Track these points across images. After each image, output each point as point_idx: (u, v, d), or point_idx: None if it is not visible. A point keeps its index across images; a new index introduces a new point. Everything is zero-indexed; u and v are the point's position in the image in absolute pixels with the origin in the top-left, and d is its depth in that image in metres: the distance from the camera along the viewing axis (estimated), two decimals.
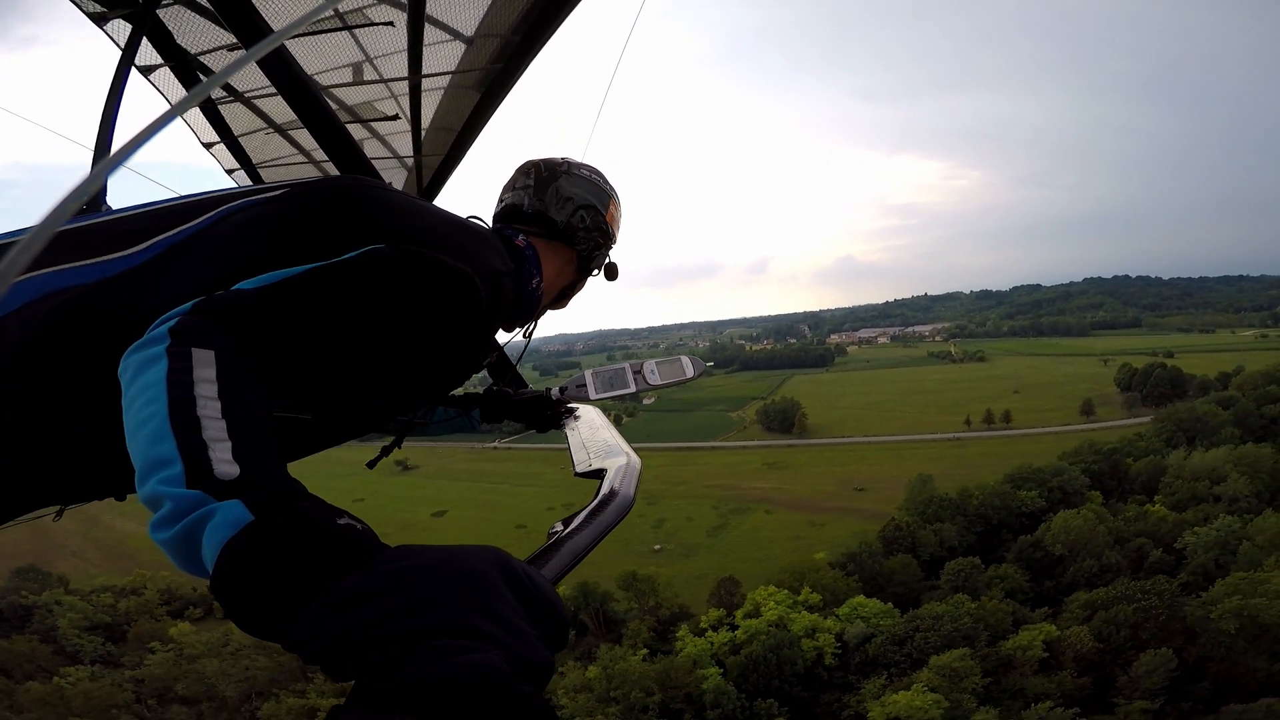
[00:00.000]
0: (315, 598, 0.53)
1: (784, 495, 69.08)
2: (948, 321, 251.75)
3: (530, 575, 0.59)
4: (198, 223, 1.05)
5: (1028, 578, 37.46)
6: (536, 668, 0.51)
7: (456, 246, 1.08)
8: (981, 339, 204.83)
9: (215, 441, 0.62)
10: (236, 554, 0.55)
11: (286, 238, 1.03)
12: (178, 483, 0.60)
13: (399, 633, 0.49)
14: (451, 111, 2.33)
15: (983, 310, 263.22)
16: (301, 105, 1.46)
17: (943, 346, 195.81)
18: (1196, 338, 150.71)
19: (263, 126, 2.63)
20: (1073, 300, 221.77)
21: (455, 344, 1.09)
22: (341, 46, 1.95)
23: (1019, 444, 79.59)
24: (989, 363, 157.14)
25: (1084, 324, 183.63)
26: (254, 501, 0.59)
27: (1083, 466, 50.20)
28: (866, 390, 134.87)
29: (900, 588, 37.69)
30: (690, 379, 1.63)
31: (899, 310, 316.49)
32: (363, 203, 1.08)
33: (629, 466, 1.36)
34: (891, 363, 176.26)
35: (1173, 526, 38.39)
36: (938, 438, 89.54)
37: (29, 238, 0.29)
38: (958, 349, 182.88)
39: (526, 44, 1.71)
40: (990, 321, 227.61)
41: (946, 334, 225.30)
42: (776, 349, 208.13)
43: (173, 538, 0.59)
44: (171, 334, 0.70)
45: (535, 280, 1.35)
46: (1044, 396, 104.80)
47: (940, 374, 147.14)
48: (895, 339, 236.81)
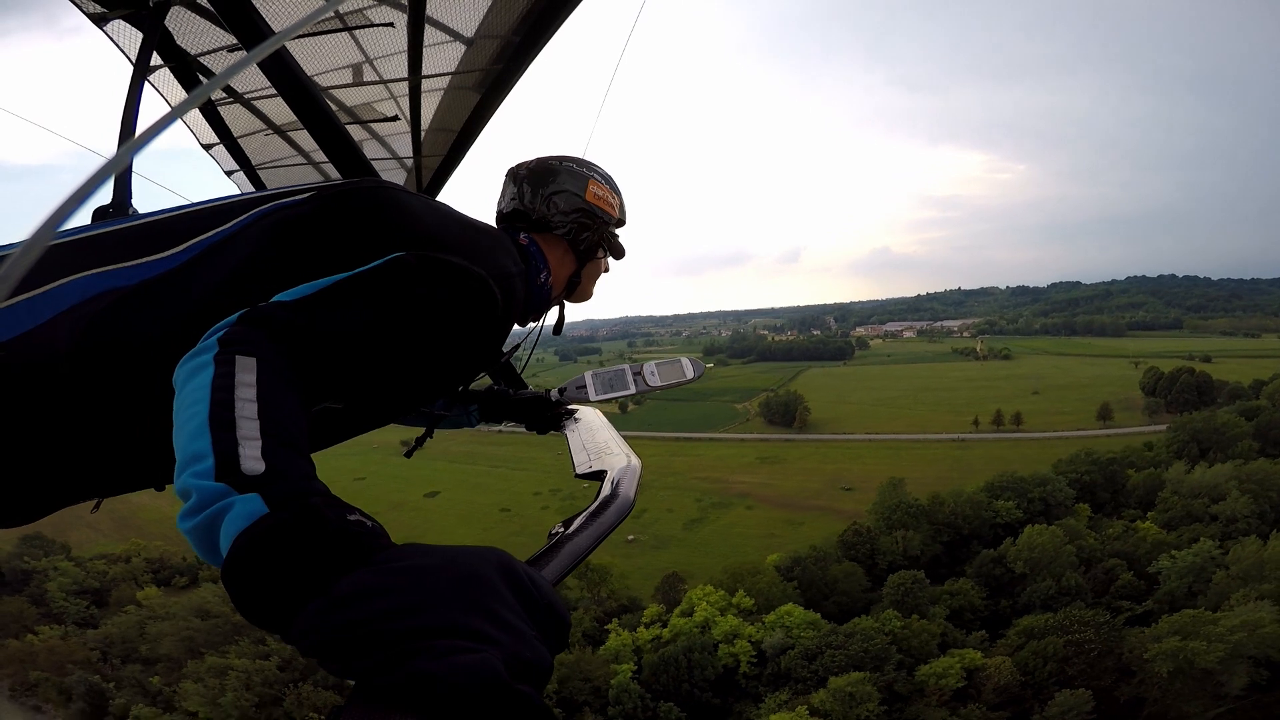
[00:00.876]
0: (317, 592, 0.54)
1: (769, 491, 67.00)
2: (979, 317, 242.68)
3: (531, 576, 0.60)
4: (232, 225, 1.09)
5: (985, 595, 34.78)
6: (535, 668, 0.52)
7: (472, 249, 1.15)
8: (1012, 336, 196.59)
9: (247, 440, 0.65)
10: (246, 545, 0.57)
11: (316, 241, 1.10)
12: (207, 476, 0.63)
13: (399, 631, 0.50)
14: (451, 112, 2.32)
15: (1017, 307, 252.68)
16: (301, 106, 1.46)
17: (969, 343, 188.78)
18: (1239, 342, 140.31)
19: (262, 128, 2.58)
20: (1112, 299, 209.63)
21: (472, 342, 1.13)
22: (341, 48, 1.93)
23: (1025, 448, 75.52)
24: (1014, 361, 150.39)
25: (1120, 324, 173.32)
26: (271, 496, 0.61)
27: (1073, 476, 46.77)
28: (880, 386, 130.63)
29: (843, 597, 35.39)
30: (689, 380, 1.63)
31: (930, 304, 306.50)
32: (386, 208, 1.16)
33: (629, 468, 1.39)
34: (913, 358, 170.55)
35: (1151, 548, 35.14)
36: (941, 438, 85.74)
37: (30, 240, 0.29)
38: (984, 346, 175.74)
39: (526, 45, 1.71)
40: (1023, 318, 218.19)
41: (976, 330, 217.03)
42: (797, 340, 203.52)
43: (195, 527, 0.61)
44: (220, 343, 0.75)
45: (544, 274, 1.43)
46: (1063, 399, 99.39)
47: (961, 371, 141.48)
48: (922, 333, 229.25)
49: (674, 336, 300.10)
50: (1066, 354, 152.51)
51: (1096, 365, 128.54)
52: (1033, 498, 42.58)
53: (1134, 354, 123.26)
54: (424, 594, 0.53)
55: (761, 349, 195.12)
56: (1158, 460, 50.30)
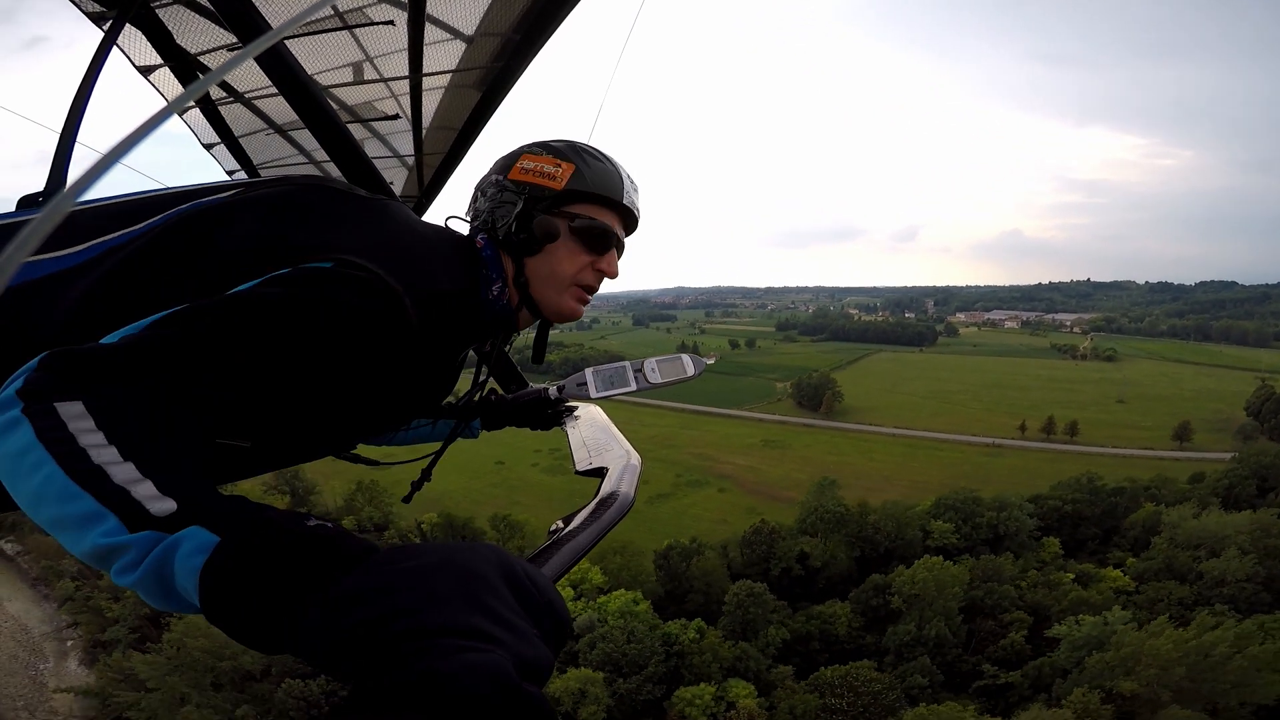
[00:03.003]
0: (313, 600, 0.51)
1: (751, 476, 62.78)
2: (1099, 312, 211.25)
3: (530, 573, 0.57)
4: (141, 228, 0.98)
5: (860, 624, 29.82)
6: (537, 666, 0.49)
7: (399, 260, 0.97)
8: (1131, 336, 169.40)
9: (132, 483, 0.59)
10: (219, 573, 0.54)
11: (217, 249, 0.96)
12: (119, 533, 0.56)
13: (401, 632, 0.47)
14: (452, 110, 2.27)
15: (1152, 304, 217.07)
16: (302, 105, 1.42)
17: (1075, 339, 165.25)
18: None
19: (263, 127, 2.55)
20: (1269, 304, 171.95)
21: (384, 367, 0.96)
22: (342, 46, 1.89)
23: (1065, 462, 64.88)
24: (1117, 363, 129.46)
25: (1266, 333, 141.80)
26: (211, 523, 0.56)
27: (1055, 505, 39.02)
28: (946, 377, 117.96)
29: (700, 596, 31.60)
30: (690, 378, 1.60)
31: (1049, 294, 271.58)
32: (302, 211, 1.02)
33: (629, 465, 1.36)
34: (1002, 350, 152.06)
35: (1069, 606, 28.12)
36: (975, 440, 75.84)
37: (21, 239, 0.28)
38: (1091, 344, 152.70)
39: (527, 42, 1.66)
40: (1150, 318, 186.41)
41: (1090, 326, 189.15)
42: (878, 322, 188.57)
43: (142, 578, 0.56)
44: (21, 395, 0.63)
45: (497, 286, 1.20)
46: (1149, 411, 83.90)
47: (1047, 370, 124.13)
48: (1027, 325, 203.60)
49: (758, 309, 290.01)
50: (1185, 361, 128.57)
51: (1214, 377, 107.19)
52: (979, 523, 35.98)
53: (1268, 367, 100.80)
54: (425, 593, 0.49)
55: (834, 328, 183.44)
56: (1184, 496, 40.74)
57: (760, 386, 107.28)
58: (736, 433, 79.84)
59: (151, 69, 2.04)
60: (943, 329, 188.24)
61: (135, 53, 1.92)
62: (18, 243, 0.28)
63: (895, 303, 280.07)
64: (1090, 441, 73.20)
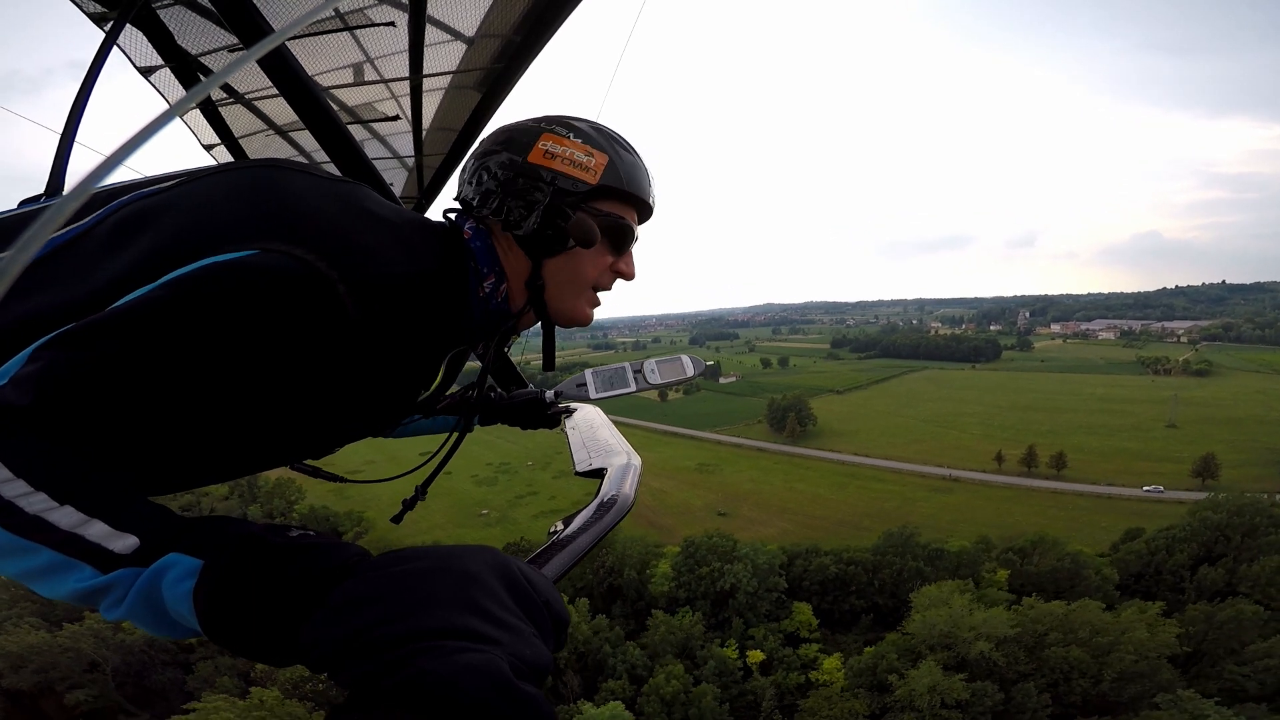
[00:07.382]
0: (313, 608, 0.49)
1: (653, 503, 57.00)
2: (1221, 319, 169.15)
3: (528, 574, 0.55)
4: (87, 221, 0.81)
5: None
6: (535, 666, 0.47)
7: (347, 242, 0.75)
8: (1252, 346, 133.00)
9: (80, 526, 0.52)
10: (213, 594, 0.50)
11: (138, 248, 0.75)
12: (93, 577, 0.52)
13: (397, 634, 0.45)
14: (452, 112, 2.19)
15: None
16: (302, 106, 1.35)
17: (1179, 350, 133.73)
18: None
19: (263, 128, 2.46)
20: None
21: (314, 367, 0.74)
22: (342, 47, 1.82)
23: (1018, 501, 51.52)
24: (1209, 378, 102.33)
25: None
26: (188, 547, 0.53)
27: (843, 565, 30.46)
28: (974, 397, 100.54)
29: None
30: (690, 378, 1.49)
31: (1170, 300, 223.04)
32: (239, 197, 0.78)
33: (629, 466, 1.28)
34: (1074, 365, 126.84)
35: None
36: (932, 472, 62.85)
37: (21, 240, 0.27)
38: (1196, 355, 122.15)
39: (528, 44, 1.61)
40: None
41: (1203, 334, 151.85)
42: (931, 338, 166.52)
43: (130, 611, 0.52)
44: None
45: (489, 281, 0.94)
46: (1202, 439, 64.36)
47: (1105, 388, 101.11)
48: (1125, 335, 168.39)
49: (837, 324, 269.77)
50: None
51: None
52: (702, 574, 28.79)
53: None
54: (423, 596, 0.48)
55: (885, 344, 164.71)
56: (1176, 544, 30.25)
57: (751, 407, 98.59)
58: (680, 454, 73.29)
59: (152, 69, 1.95)
60: (1014, 343, 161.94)
61: (136, 53, 1.83)
62: (19, 244, 0.27)
63: (988, 314, 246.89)
64: (1081, 477, 57.62)
